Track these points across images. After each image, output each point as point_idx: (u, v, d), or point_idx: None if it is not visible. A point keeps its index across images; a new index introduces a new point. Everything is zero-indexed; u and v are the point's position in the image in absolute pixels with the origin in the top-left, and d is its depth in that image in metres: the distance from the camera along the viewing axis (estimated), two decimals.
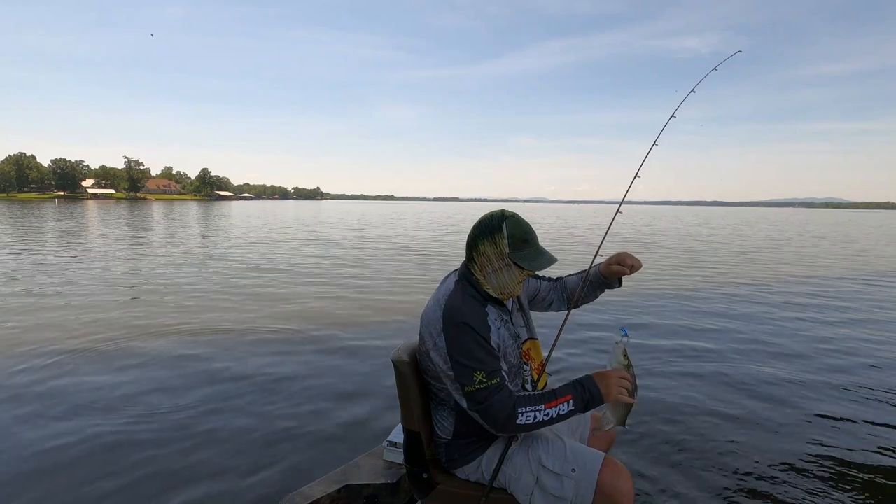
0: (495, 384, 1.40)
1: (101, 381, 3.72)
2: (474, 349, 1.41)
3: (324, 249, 13.77)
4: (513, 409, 1.39)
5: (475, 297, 1.50)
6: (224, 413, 3.22)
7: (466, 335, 1.41)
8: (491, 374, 1.40)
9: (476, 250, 1.51)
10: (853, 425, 3.17)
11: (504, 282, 1.51)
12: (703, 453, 2.80)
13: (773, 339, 5.17)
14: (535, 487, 1.49)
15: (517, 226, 1.49)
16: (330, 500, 2.02)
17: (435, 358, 1.47)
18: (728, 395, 3.63)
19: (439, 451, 1.62)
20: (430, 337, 1.47)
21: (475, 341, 1.41)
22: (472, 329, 1.41)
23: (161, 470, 2.56)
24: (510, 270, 1.50)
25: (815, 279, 9.64)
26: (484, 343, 1.43)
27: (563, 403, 1.41)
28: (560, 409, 1.41)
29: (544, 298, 1.89)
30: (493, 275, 1.50)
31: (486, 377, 1.39)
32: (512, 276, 1.50)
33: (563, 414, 1.41)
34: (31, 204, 64.11)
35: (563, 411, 1.41)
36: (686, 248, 15.93)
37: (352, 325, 5.52)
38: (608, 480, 1.43)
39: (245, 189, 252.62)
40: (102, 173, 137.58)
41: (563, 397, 1.42)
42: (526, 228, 1.50)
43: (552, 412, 1.40)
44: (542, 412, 1.40)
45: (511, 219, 1.50)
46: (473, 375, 1.39)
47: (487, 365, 1.41)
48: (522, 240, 1.49)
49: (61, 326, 5.24)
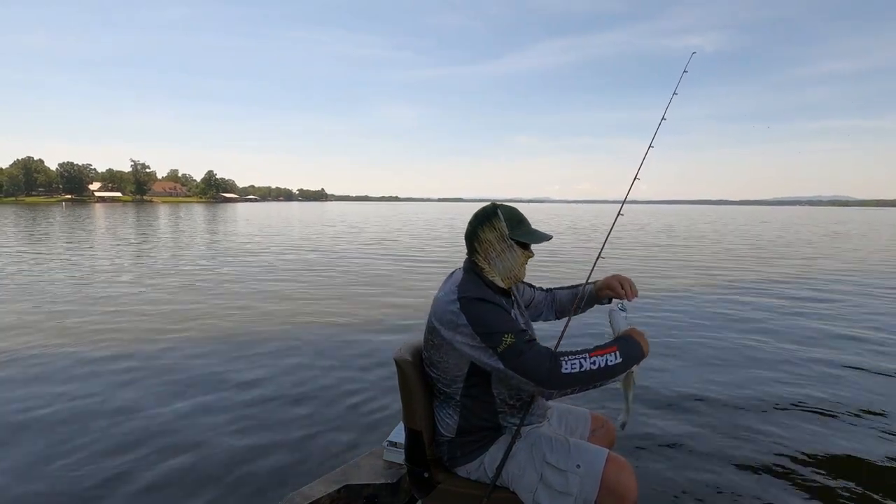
0: (527, 340, 1.40)
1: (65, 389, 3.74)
2: (497, 317, 1.43)
3: (331, 258, 13.77)
4: (554, 359, 1.36)
5: (484, 287, 1.54)
6: (222, 414, 3.23)
7: (486, 307, 1.44)
8: (519, 333, 1.41)
9: (477, 239, 1.56)
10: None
11: (509, 264, 1.56)
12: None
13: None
14: (539, 484, 1.47)
15: (510, 210, 1.59)
16: (330, 500, 2.02)
17: (459, 341, 1.45)
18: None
19: (441, 450, 1.61)
20: (449, 323, 1.46)
21: (496, 311, 1.44)
22: (489, 302, 1.45)
23: (161, 469, 2.57)
24: (513, 251, 1.55)
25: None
26: (503, 313, 1.46)
27: (609, 354, 1.38)
28: (608, 358, 1.37)
29: (537, 307, 1.91)
30: (498, 258, 1.55)
31: (515, 336, 1.39)
32: (515, 257, 1.56)
33: (610, 364, 1.37)
34: (39, 207, 64.62)
35: (611, 361, 1.37)
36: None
37: (351, 325, 5.53)
38: (613, 475, 1.43)
39: (250, 191, 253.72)
40: (109, 176, 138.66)
41: (609, 348, 1.39)
42: (518, 212, 1.60)
43: (599, 360, 1.36)
44: (587, 360, 1.36)
45: (503, 206, 1.59)
46: (503, 337, 1.38)
47: (513, 327, 1.42)
48: (518, 220, 1.57)
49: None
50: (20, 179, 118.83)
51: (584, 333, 5.06)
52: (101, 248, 14.03)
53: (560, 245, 16.28)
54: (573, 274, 9.76)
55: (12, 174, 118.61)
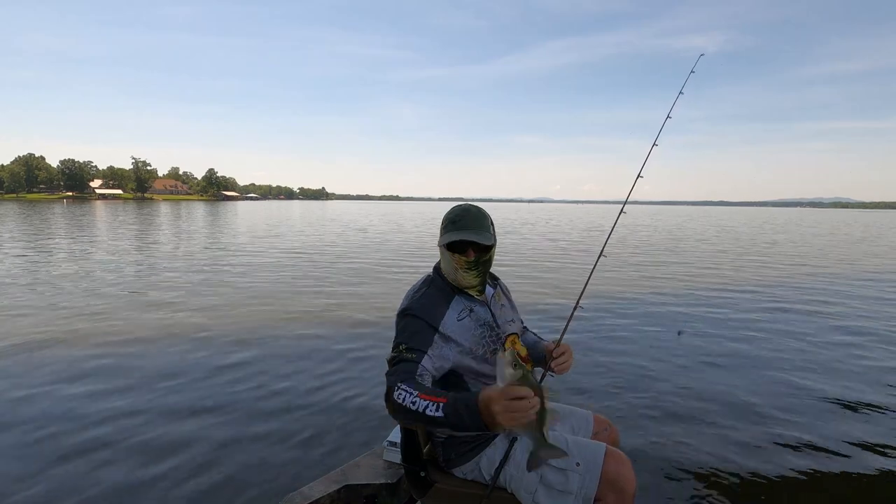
0: (410, 357, 1.38)
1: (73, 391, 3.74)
2: (405, 327, 1.46)
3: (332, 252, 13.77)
4: (398, 382, 1.28)
5: (441, 288, 1.57)
6: (221, 413, 3.23)
7: (406, 320, 1.48)
8: (411, 348, 1.41)
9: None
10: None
11: (448, 269, 1.57)
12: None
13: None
14: (538, 485, 1.48)
15: (450, 211, 1.58)
16: (330, 500, 2.02)
17: None
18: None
19: (437, 451, 1.62)
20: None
21: (412, 324, 1.46)
22: (413, 316, 1.47)
23: (159, 469, 2.57)
24: (445, 255, 1.56)
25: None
26: (423, 327, 1.45)
27: (435, 402, 1.19)
28: (429, 405, 1.18)
29: None
30: (443, 261, 1.59)
31: (406, 350, 1.40)
32: (447, 262, 1.56)
33: (429, 414, 1.18)
34: (40, 204, 64.68)
35: (430, 412, 1.18)
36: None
37: (350, 326, 5.53)
38: (612, 470, 1.44)
39: (251, 189, 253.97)
40: (110, 174, 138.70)
41: (441, 397, 1.20)
42: (457, 212, 1.56)
43: (421, 404, 1.20)
44: (414, 396, 1.22)
45: (455, 207, 1.58)
46: (398, 346, 1.42)
47: (413, 341, 1.42)
48: (450, 221, 1.55)
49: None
50: (21, 176, 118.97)
51: (583, 331, 5.06)
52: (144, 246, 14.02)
53: (563, 247, 16.23)
54: (575, 273, 9.76)
55: (13, 171, 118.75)
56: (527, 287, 8.07)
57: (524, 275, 9.53)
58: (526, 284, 8.36)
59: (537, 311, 6.35)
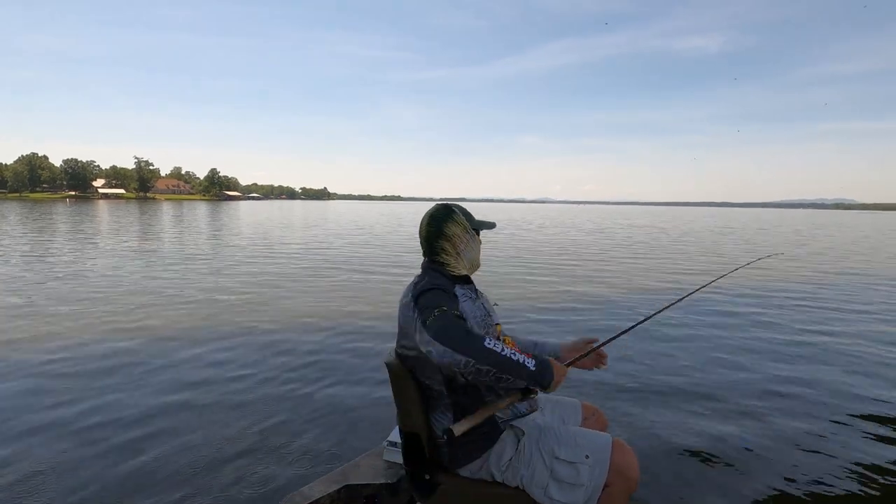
0: (457, 315, 1.43)
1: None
2: (435, 297, 1.48)
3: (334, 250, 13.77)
4: (485, 336, 1.39)
5: (444, 277, 1.65)
6: (220, 413, 3.22)
7: (431, 293, 1.50)
8: (451, 309, 1.44)
9: (444, 236, 1.67)
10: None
11: (473, 252, 1.72)
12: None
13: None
14: (549, 480, 1.49)
15: (460, 206, 1.78)
16: (330, 500, 2.00)
17: (417, 337, 1.46)
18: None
19: (441, 452, 1.60)
20: (409, 319, 1.52)
21: (436, 294, 1.50)
22: (439, 289, 1.52)
23: (160, 470, 2.56)
24: (474, 240, 1.73)
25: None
26: (444, 295, 1.51)
27: (527, 358, 1.40)
28: (523, 359, 1.39)
29: None
30: (465, 249, 1.69)
31: (446, 309, 1.42)
32: (476, 245, 1.74)
33: (522, 363, 1.39)
34: (44, 203, 64.90)
35: (525, 362, 1.39)
36: None
37: (350, 326, 5.52)
38: (619, 460, 1.47)
39: (253, 189, 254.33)
40: (113, 173, 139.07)
41: (528, 353, 1.43)
42: (465, 210, 1.78)
43: (515, 355, 1.39)
44: (507, 348, 1.39)
45: (453, 204, 1.77)
46: (433, 311, 1.42)
47: (450, 305, 1.45)
48: (469, 213, 1.78)
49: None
50: (24, 175, 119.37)
51: (584, 330, 5.03)
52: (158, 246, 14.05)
53: (564, 246, 16.22)
54: (582, 271, 9.74)
55: (17, 170, 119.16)
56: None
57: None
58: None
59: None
